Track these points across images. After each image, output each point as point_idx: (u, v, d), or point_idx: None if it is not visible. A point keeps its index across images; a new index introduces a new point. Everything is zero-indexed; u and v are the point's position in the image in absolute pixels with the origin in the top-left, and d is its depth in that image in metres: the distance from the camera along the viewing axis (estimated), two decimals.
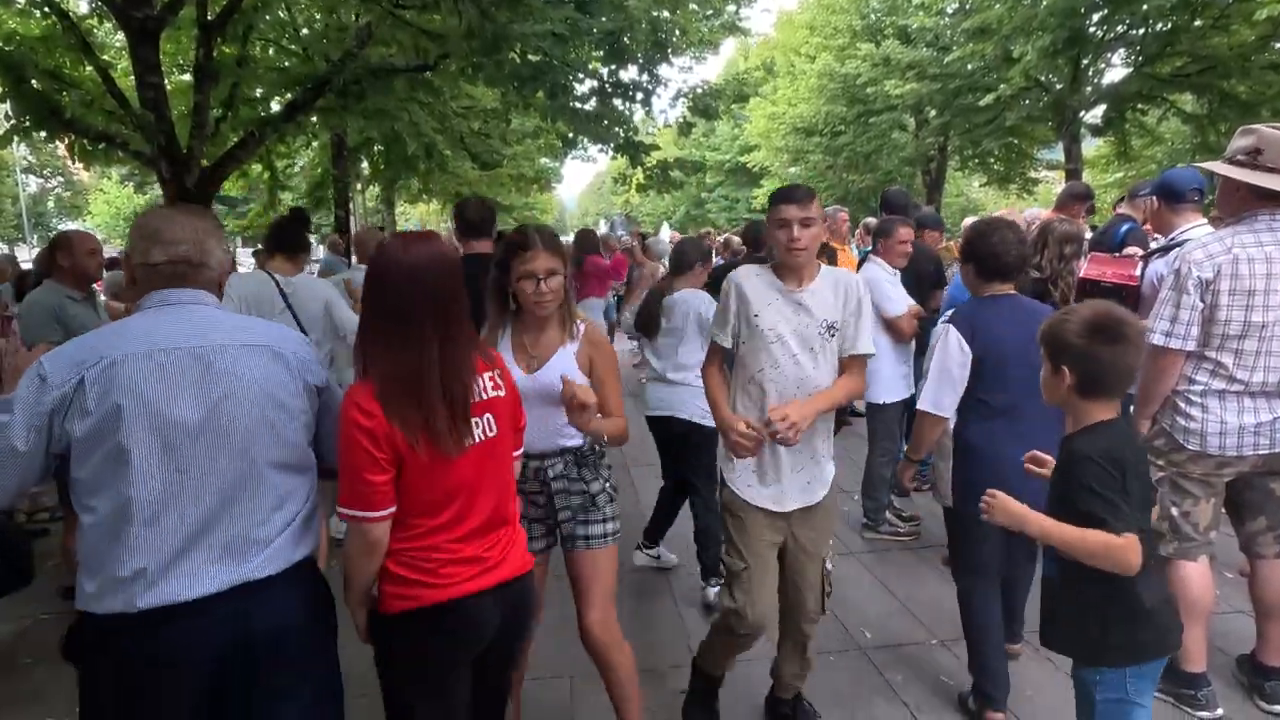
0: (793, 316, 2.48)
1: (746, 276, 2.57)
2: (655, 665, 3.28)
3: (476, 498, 1.77)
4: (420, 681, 1.79)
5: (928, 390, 2.83)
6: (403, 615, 1.72)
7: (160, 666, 1.54)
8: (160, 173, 7.58)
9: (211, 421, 1.57)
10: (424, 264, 1.70)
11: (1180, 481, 2.88)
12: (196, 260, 1.68)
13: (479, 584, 1.76)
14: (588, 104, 10.66)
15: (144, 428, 1.51)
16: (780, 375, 2.48)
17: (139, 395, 1.51)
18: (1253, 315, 2.66)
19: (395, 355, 1.67)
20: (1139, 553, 1.74)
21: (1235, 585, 3.74)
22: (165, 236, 1.66)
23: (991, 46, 16.12)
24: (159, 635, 1.52)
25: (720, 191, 39.66)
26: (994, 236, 2.84)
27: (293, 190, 17.13)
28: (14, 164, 35.90)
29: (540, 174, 21.59)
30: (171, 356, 1.56)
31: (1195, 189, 3.45)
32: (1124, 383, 1.91)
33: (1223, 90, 14.90)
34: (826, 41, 23.75)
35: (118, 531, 1.51)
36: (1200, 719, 2.84)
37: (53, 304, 3.39)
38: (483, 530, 1.80)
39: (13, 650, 3.59)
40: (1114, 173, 22.38)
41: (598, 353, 2.41)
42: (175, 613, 1.52)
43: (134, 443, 1.50)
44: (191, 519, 1.55)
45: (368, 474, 1.63)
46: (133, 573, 1.50)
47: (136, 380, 1.51)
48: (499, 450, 1.84)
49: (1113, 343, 1.85)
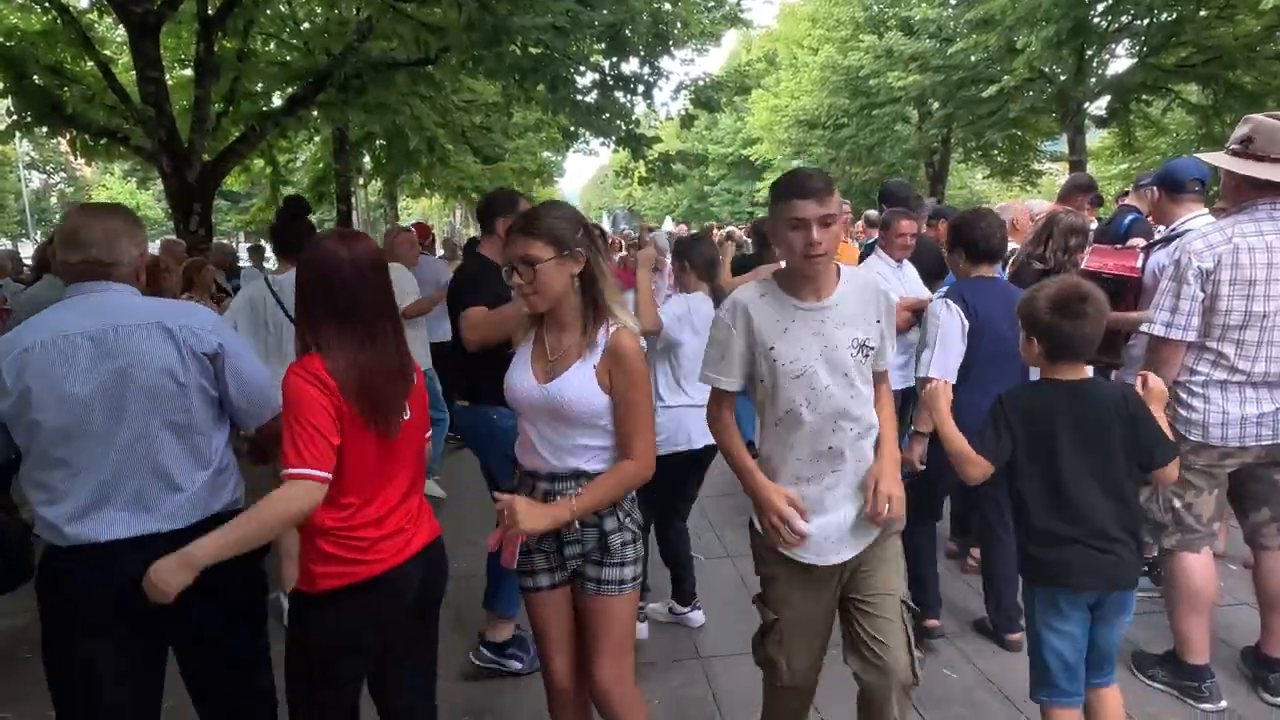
0: (816, 340, 2.01)
1: (751, 300, 2.08)
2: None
3: (398, 475, 1.91)
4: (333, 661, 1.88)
5: (935, 360, 3.00)
6: (331, 593, 1.80)
7: (75, 593, 1.87)
8: (162, 168, 7.60)
9: (103, 393, 1.81)
10: (370, 260, 1.86)
11: (1183, 473, 2.85)
12: (107, 260, 1.91)
13: (403, 555, 1.88)
14: (589, 97, 10.64)
15: (49, 403, 1.79)
16: (815, 415, 2.02)
17: (43, 376, 1.78)
18: (1254, 305, 2.64)
19: (353, 349, 1.79)
20: (980, 470, 2.20)
21: (1239, 577, 3.72)
22: (79, 239, 1.90)
23: (995, 37, 16.05)
24: (76, 568, 1.85)
25: (723, 185, 39.61)
26: (981, 224, 3.16)
27: (294, 185, 17.12)
28: (16, 160, 35.95)
29: (542, 168, 21.60)
30: (69, 340, 1.82)
31: (1196, 179, 3.43)
32: (1086, 348, 2.18)
33: (1228, 81, 14.84)
34: (829, 33, 23.68)
35: (46, 482, 1.83)
36: (1204, 711, 2.83)
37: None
38: (401, 503, 1.92)
39: (13, 644, 3.60)
40: (1118, 164, 22.29)
41: (618, 367, 1.98)
42: (90, 551, 1.82)
43: (43, 416, 1.79)
44: (100, 475, 1.81)
45: (331, 435, 1.73)
46: (59, 516, 1.82)
47: (40, 364, 1.79)
48: (414, 429, 1.96)
49: (1074, 318, 2.14)
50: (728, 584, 3.94)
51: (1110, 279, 3.39)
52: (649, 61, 10.52)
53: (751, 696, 3.02)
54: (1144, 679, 3.01)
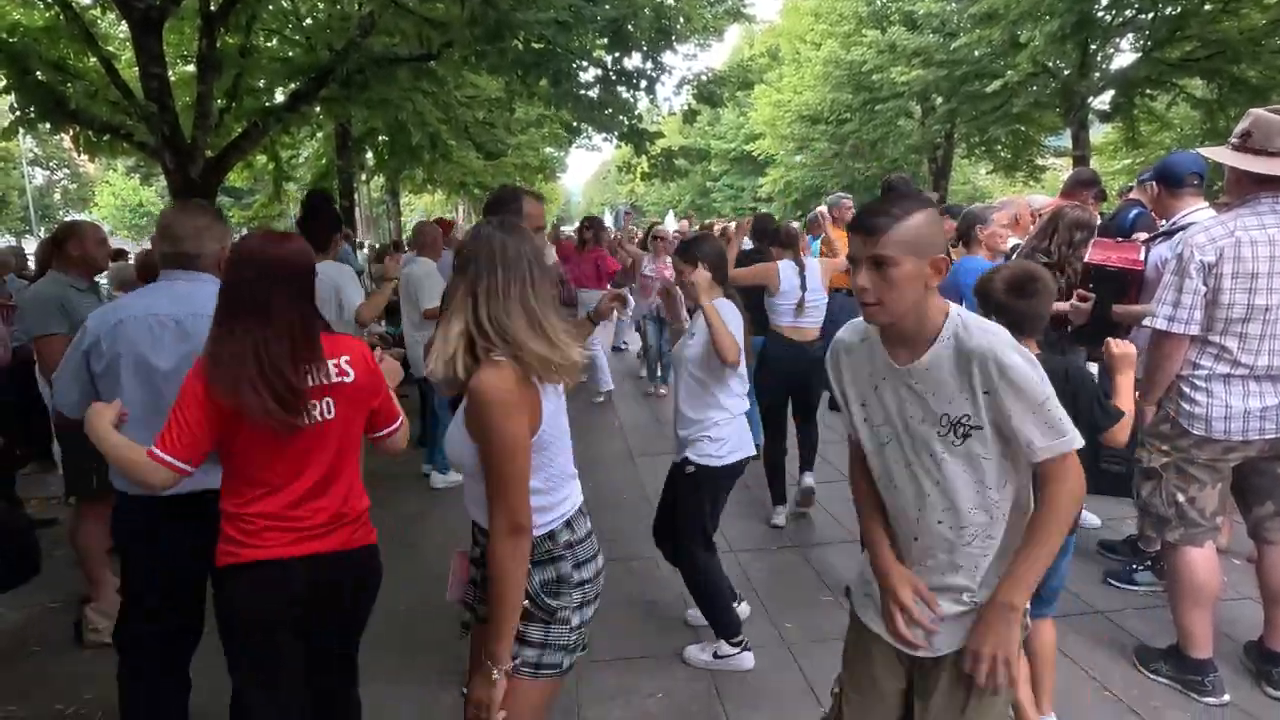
0: (900, 406, 1.66)
1: (850, 345, 1.78)
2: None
3: (307, 471, 1.93)
4: (242, 635, 1.96)
5: None
6: (227, 569, 1.92)
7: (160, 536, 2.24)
8: (165, 164, 7.58)
9: (177, 371, 2.07)
10: (278, 261, 1.91)
11: (1186, 467, 2.86)
12: (193, 252, 2.31)
13: (290, 551, 1.91)
14: (592, 92, 10.62)
15: (133, 371, 2.18)
16: (897, 496, 1.70)
17: (132, 347, 2.18)
18: (1256, 298, 2.64)
19: (248, 347, 1.82)
20: None
21: (1243, 572, 3.72)
22: (172, 233, 2.30)
23: (999, 32, 16.00)
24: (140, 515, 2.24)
25: (726, 180, 39.54)
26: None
27: (297, 181, 17.15)
28: (20, 156, 35.98)
29: (545, 163, 21.60)
30: (159, 320, 2.22)
31: (1195, 173, 3.42)
32: (1036, 325, 2.35)
33: (1233, 75, 14.77)
34: (832, 28, 23.62)
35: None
36: (1207, 705, 2.83)
37: (57, 296, 3.38)
38: (312, 500, 1.94)
39: (22, 637, 3.62)
40: (1122, 159, 22.21)
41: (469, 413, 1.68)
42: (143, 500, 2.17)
43: (127, 381, 2.18)
44: None
45: (200, 430, 1.82)
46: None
47: (132, 335, 2.19)
48: (331, 431, 1.95)
49: (1028, 297, 2.32)
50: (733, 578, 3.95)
51: (1114, 272, 3.38)
52: (652, 56, 10.49)
53: (753, 691, 3.03)
54: (1147, 673, 3.01)
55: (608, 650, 3.30)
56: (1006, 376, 1.50)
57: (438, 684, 3.08)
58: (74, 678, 3.21)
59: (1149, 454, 2.94)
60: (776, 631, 3.43)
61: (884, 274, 1.52)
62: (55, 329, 3.31)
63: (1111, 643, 3.23)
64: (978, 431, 1.56)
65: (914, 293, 1.54)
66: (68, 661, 3.37)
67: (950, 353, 1.56)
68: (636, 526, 4.39)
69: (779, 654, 3.28)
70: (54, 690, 3.15)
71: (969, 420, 1.56)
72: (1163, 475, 2.90)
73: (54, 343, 3.30)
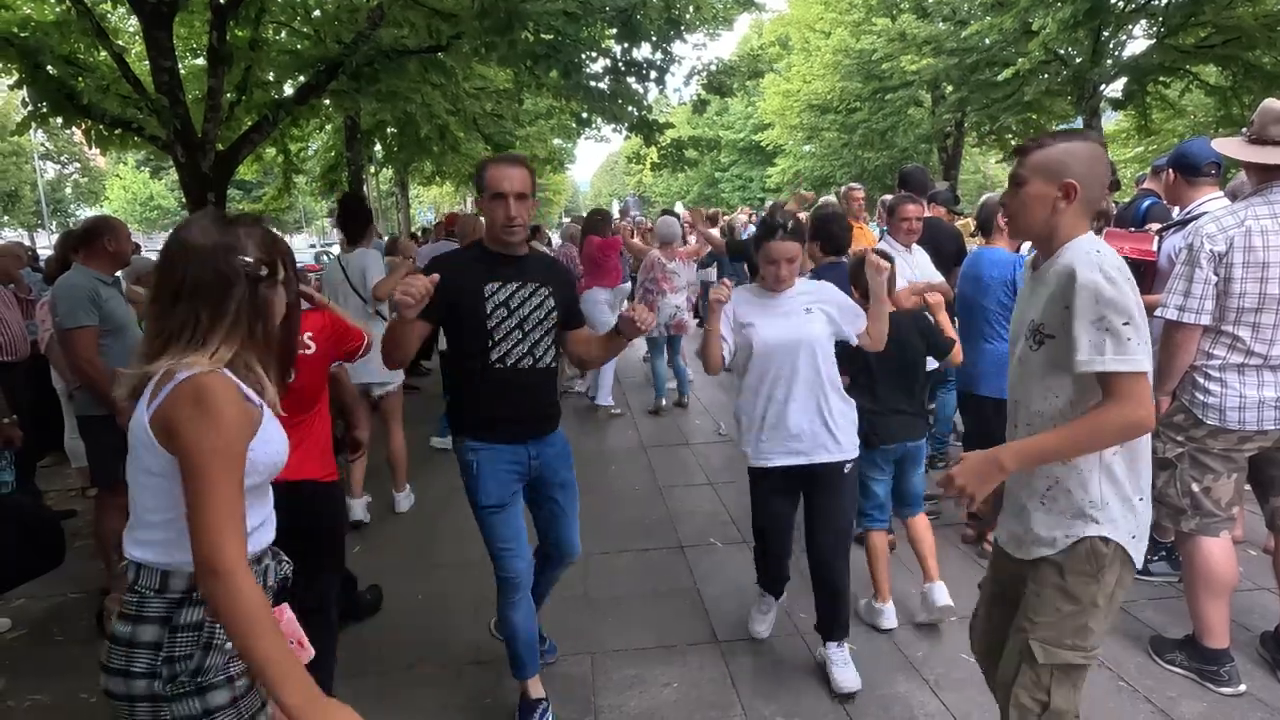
0: (1023, 309, 1.95)
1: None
2: None
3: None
4: None
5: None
6: None
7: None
8: (176, 157, 7.61)
9: None
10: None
11: (1201, 457, 2.85)
12: None
13: None
14: (601, 83, 10.59)
15: None
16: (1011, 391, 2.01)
17: None
18: (1268, 287, 2.63)
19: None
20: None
21: (1258, 562, 3.71)
22: None
23: (1010, 19, 15.83)
24: None
25: (734, 170, 39.43)
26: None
27: (307, 174, 17.19)
28: (32, 151, 36.17)
29: (553, 155, 21.54)
30: None
31: (1213, 162, 3.39)
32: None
33: (1247, 61, 14.60)
34: (841, 17, 23.42)
35: None
36: (1223, 695, 2.83)
37: (89, 287, 3.42)
38: None
39: (46, 626, 3.67)
40: (1134, 147, 22.05)
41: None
42: None
43: None
44: None
45: None
46: None
47: None
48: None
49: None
50: (745, 568, 3.97)
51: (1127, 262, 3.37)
52: (661, 47, 10.44)
53: (768, 680, 3.05)
54: (1163, 663, 3.01)
55: (622, 640, 3.33)
56: (1074, 285, 1.68)
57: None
58: (96, 666, 3.25)
59: (1164, 444, 2.93)
60: (792, 622, 3.45)
61: (1016, 192, 1.79)
62: (86, 321, 3.36)
63: (1126, 633, 3.23)
64: (1050, 341, 1.76)
65: (1042, 211, 1.77)
66: (90, 650, 3.41)
67: (1058, 267, 1.75)
68: (650, 517, 4.41)
69: (794, 643, 3.29)
70: (77, 678, 3.20)
71: (1044, 329, 1.77)
72: (1177, 465, 2.90)
73: (85, 335, 3.35)
